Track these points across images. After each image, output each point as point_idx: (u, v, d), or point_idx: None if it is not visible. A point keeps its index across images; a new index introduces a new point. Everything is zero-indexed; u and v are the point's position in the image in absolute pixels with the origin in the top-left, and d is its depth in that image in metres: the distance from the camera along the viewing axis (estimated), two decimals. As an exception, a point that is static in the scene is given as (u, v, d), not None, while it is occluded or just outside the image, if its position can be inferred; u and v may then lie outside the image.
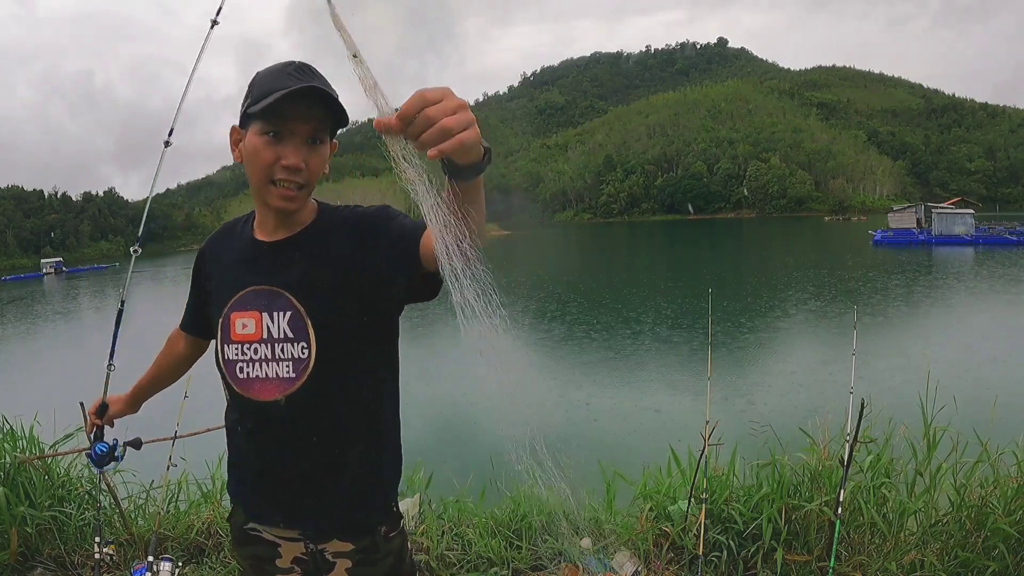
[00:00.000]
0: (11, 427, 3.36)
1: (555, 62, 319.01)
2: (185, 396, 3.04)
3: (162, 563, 2.46)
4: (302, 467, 1.30)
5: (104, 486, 3.01)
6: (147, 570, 2.47)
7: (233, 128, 1.29)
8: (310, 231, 1.31)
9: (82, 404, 2.95)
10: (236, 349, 1.30)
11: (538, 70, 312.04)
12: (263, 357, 1.28)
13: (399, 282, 1.20)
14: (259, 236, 1.34)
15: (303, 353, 1.26)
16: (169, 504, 3.30)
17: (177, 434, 2.97)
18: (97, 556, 2.64)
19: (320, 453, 1.30)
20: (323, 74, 1.24)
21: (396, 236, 1.20)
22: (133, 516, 3.27)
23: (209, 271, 1.43)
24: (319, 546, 1.34)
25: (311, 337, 1.26)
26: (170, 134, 1.77)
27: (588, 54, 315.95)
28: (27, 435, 3.36)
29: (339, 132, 1.30)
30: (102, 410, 1.70)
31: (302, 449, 1.29)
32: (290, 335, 1.26)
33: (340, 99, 1.22)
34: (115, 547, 2.98)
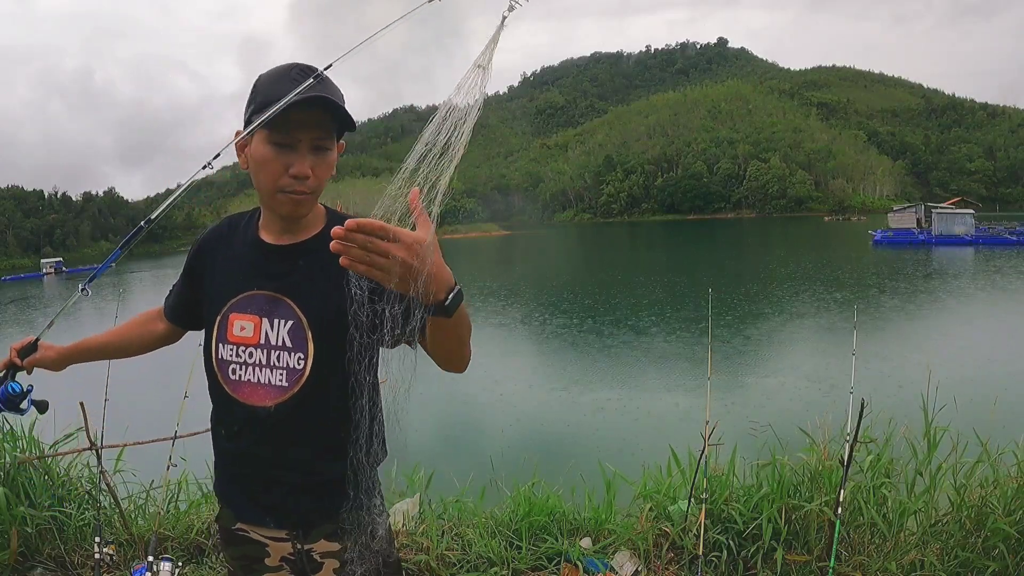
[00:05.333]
0: (11, 427, 3.35)
1: (555, 62, 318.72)
2: (185, 396, 3.04)
3: (162, 563, 2.46)
4: (287, 471, 1.31)
5: (104, 486, 3.02)
6: (147, 570, 2.47)
7: (237, 133, 1.26)
8: (319, 239, 1.28)
9: (82, 404, 2.97)
10: (231, 350, 1.30)
11: (538, 70, 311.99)
12: (257, 362, 1.28)
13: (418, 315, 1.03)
14: (264, 238, 1.32)
15: (299, 364, 1.25)
16: (169, 504, 3.30)
17: (177, 434, 2.97)
18: (97, 556, 2.65)
19: (306, 459, 1.30)
20: (328, 75, 1.22)
21: None
22: (133, 516, 3.27)
23: (207, 266, 1.39)
24: (306, 546, 1.34)
25: (310, 349, 1.25)
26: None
27: (588, 54, 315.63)
28: (27, 435, 3.35)
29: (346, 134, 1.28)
30: (28, 349, 1.55)
31: (288, 454, 1.30)
32: (288, 344, 1.26)
33: (346, 102, 1.20)
34: (115, 547, 2.98)
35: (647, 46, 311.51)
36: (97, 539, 2.70)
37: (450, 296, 0.95)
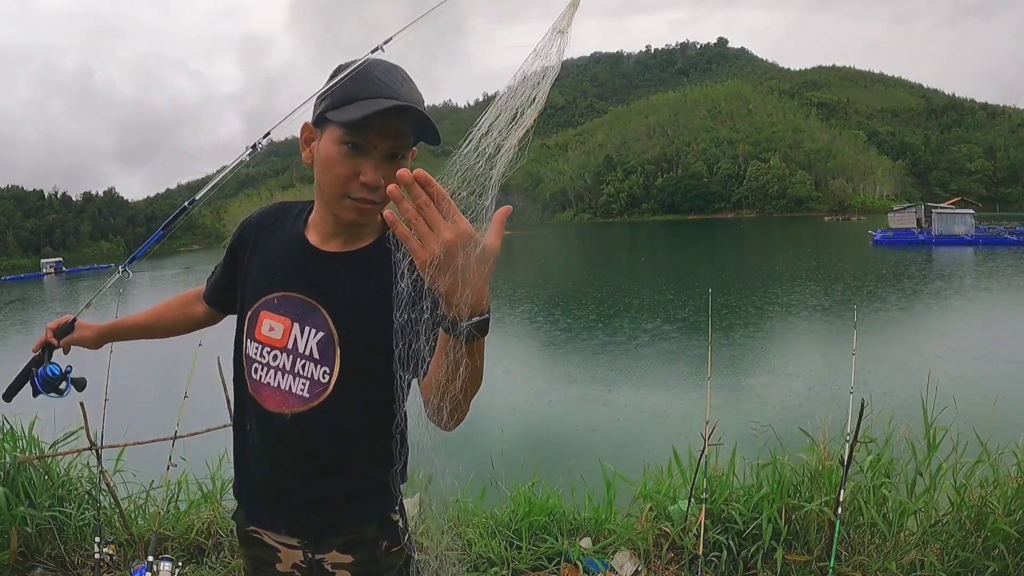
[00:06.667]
0: (11, 427, 3.36)
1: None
2: (185, 396, 3.04)
3: (162, 563, 2.47)
4: (300, 479, 1.27)
5: (104, 486, 3.02)
6: (147, 570, 2.48)
7: (306, 125, 1.19)
8: (370, 251, 1.21)
9: (82, 404, 2.97)
10: (256, 348, 1.26)
11: (538, 70, 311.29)
12: (281, 366, 1.23)
13: None
14: (311, 238, 1.25)
15: (324, 377, 1.21)
16: (169, 504, 3.30)
17: (177, 434, 2.97)
18: (97, 556, 2.65)
19: (319, 469, 1.26)
20: (412, 78, 1.15)
21: None
22: (133, 516, 3.27)
23: (247, 253, 1.33)
24: (317, 556, 1.30)
25: (336, 364, 1.20)
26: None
27: (588, 54, 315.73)
28: (27, 435, 3.35)
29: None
30: (65, 330, 1.52)
31: (302, 465, 1.26)
32: (316, 356, 1.21)
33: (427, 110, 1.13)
34: (115, 547, 2.98)
35: (647, 46, 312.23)
36: (97, 539, 2.70)
37: (474, 319, 0.85)
